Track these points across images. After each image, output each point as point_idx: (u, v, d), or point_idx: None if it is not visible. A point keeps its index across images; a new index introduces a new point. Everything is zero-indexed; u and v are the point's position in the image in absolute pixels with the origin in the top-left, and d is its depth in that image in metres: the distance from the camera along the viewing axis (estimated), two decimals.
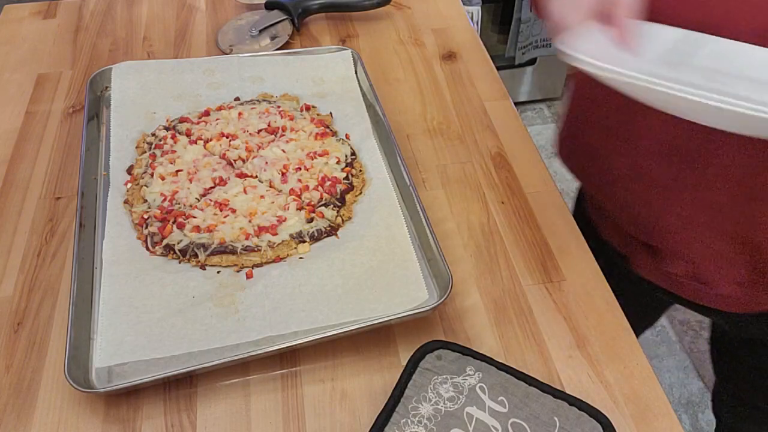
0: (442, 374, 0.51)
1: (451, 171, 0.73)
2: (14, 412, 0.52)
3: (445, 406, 0.49)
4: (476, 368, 0.52)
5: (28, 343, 0.56)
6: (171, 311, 0.55)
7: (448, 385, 0.50)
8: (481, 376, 0.51)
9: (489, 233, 0.66)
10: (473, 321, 0.59)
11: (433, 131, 0.78)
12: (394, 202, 0.65)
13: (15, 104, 0.80)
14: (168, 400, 0.53)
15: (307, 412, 0.52)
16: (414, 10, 0.98)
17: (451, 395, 0.50)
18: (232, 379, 0.54)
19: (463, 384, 0.51)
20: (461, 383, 0.51)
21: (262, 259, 0.60)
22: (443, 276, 0.58)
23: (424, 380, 0.51)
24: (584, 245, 0.65)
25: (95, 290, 0.58)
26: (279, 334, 0.54)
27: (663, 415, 0.53)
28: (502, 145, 0.76)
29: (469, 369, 0.52)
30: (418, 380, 0.51)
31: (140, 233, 0.62)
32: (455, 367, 0.52)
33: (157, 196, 0.65)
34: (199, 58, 0.82)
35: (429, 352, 0.52)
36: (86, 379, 0.52)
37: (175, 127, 0.73)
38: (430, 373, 0.51)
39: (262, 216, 0.63)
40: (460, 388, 0.50)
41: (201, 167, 0.68)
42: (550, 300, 0.60)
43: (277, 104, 0.76)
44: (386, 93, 0.82)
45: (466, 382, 0.51)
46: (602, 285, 0.62)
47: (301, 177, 0.67)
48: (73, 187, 0.69)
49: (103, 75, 0.78)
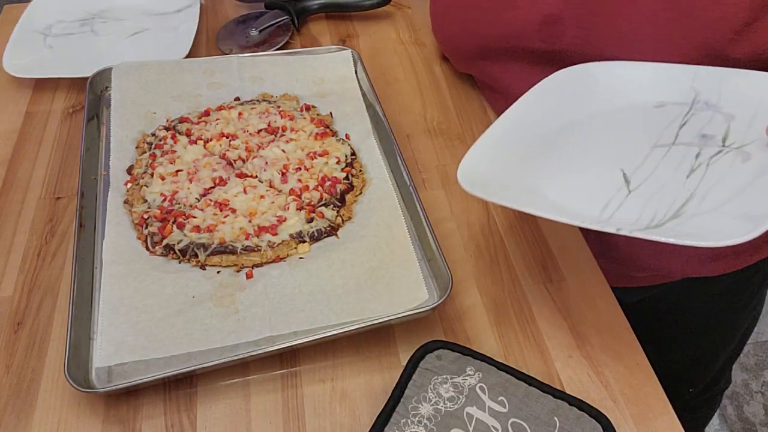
0: (442, 374, 0.51)
1: (451, 171, 0.73)
2: (14, 412, 0.52)
3: (445, 406, 0.49)
4: (476, 368, 0.52)
5: (28, 343, 0.56)
6: (171, 311, 0.55)
7: (448, 385, 0.50)
8: (481, 376, 0.51)
9: (489, 233, 0.66)
10: (473, 321, 0.59)
11: (433, 131, 0.78)
12: (394, 202, 0.65)
13: (15, 104, 0.80)
14: (168, 400, 0.53)
15: (307, 412, 0.52)
16: (414, 10, 0.97)
17: (451, 395, 0.50)
18: (232, 379, 0.54)
19: (463, 384, 0.51)
20: (461, 383, 0.51)
21: (262, 259, 0.60)
22: (443, 276, 0.58)
23: (424, 380, 0.51)
24: (584, 245, 0.65)
25: (95, 290, 0.58)
26: (279, 334, 0.54)
27: (663, 414, 0.53)
28: None
29: (469, 369, 0.52)
30: (418, 380, 0.51)
31: (140, 233, 0.62)
32: (455, 367, 0.52)
33: (157, 196, 0.65)
34: (199, 58, 0.82)
35: (429, 352, 0.52)
36: (86, 379, 0.52)
37: (175, 127, 0.73)
38: (430, 373, 0.51)
39: (262, 216, 0.63)
40: (460, 388, 0.50)
41: (201, 167, 0.68)
42: (550, 300, 0.60)
43: (277, 104, 0.76)
44: (386, 93, 0.82)
45: (466, 382, 0.51)
46: (602, 285, 0.62)
47: (301, 177, 0.67)
48: (73, 187, 0.69)
49: (103, 75, 0.78)
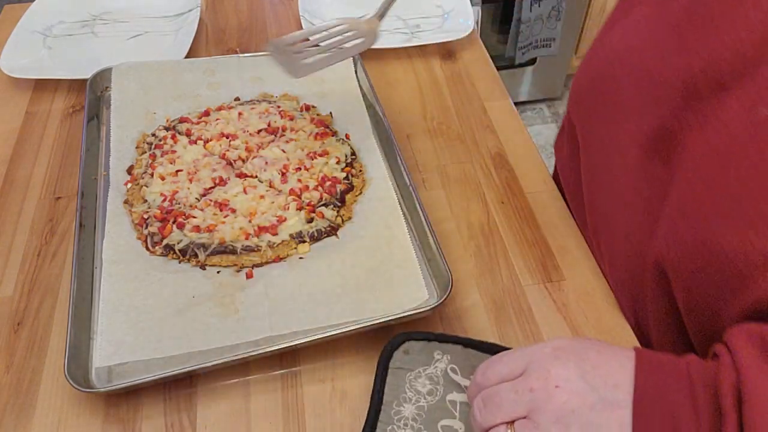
0: (414, 369, 0.51)
1: (451, 171, 0.73)
2: (14, 412, 0.52)
3: (426, 401, 0.49)
4: (443, 351, 0.52)
5: (28, 343, 0.56)
6: (171, 311, 0.55)
7: (423, 379, 0.50)
8: (450, 358, 0.51)
9: (489, 233, 0.66)
10: (473, 321, 0.59)
11: (433, 131, 0.78)
12: (394, 202, 0.65)
13: (15, 104, 0.80)
14: (168, 400, 0.53)
15: (307, 412, 0.52)
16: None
17: (429, 389, 0.50)
18: (232, 379, 0.54)
19: (436, 373, 0.50)
20: (434, 373, 0.50)
21: (262, 259, 0.60)
22: (443, 276, 0.58)
23: (399, 381, 0.50)
24: (584, 245, 0.65)
25: (95, 290, 0.58)
26: (279, 334, 0.54)
27: None
28: (502, 145, 0.76)
29: (436, 354, 0.52)
30: (393, 382, 0.50)
31: (140, 233, 0.62)
32: (423, 357, 0.51)
33: (157, 196, 0.65)
34: (199, 58, 0.82)
35: (395, 349, 0.52)
36: (86, 378, 0.52)
37: (175, 127, 0.73)
38: (403, 372, 0.51)
39: (262, 216, 0.63)
40: (435, 378, 0.50)
41: (201, 167, 0.68)
42: (550, 300, 0.60)
43: (277, 104, 0.76)
44: (386, 93, 0.82)
45: (438, 369, 0.51)
46: (602, 285, 0.62)
47: (301, 177, 0.67)
48: (73, 187, 0.69)
49: (103, 75, 0.78)
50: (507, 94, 0.84)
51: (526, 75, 2.13)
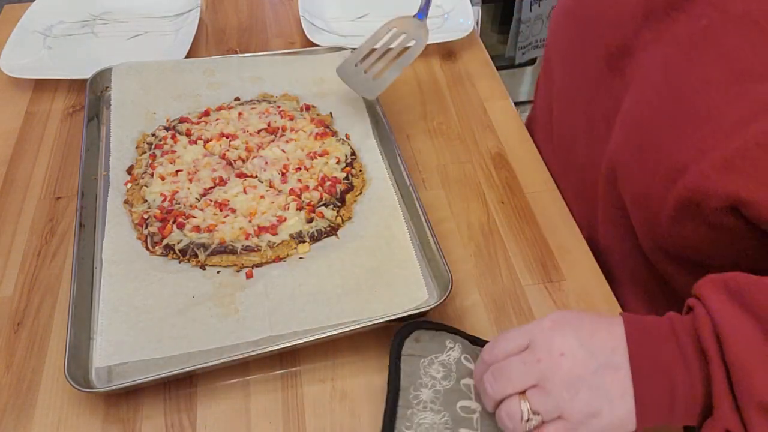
0: (426, 356, 0.51)
1: (451, 171, 0.73)
2: (14, 412, 0.52)
3: (442, 385, 0.50)
4: (454, 341, 0.53)
5: (28, 343, 0.56)
6: (171, 311, 0.55)
7: (437, 365, 0.51)
8: (462, 347, 0.52)
9: (489, 233, 0.66)
10: (473, 321, 0.58)
11: (433, 131, 0.78)
12: (394, 202, 0.65)
13: (15, 104, 0.80)
14: (168, 400, 0.53)
15: (307, 412, 0.52)
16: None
17: (443, 374, 0.50)
18: (232, 379, 0.54)
19: (449, 360, 0.51)
20: (447, 360, 0.51)
21: (262, 259, 0.60)
22: (443, 276, 0.58)
23: (413, 368, 0.51)
24: (584, 245, 0.65)
25: (95, 290, 0.58)
26: (279, 334, 0.54)
27: None
28: (502, 145, 0.76)
29: (448, 342, 0.52)
30: (407, 369, 0.51)
31: (140, 233, 0.62)
32: (435, 345, 0.52)
33: (157, 196, 0.65)
34: (199, 58, 0.82)
35: (405, 337, 0.53)
36: (86, 379, 0.52)
37: (175, 127, 0.73)
38: (415, 359, 0.51)
39: (262, 216, 0.63)
40: (448, 365, 0.51)
41: (201, 167, 0.68)
42: (550, 300, 0.60)
43: (277, 104, 0.76)
44: (386, 93, 0.82)
45: (451, 357, 0.51)
46: (602, 285, 0.62)
47: (301, 177, 0.67)
48: (73, 187, 0.69)
49: (103, 75, 0.78)
50: (507, 94, 0.84)
51: (526, 75, 2.13)
